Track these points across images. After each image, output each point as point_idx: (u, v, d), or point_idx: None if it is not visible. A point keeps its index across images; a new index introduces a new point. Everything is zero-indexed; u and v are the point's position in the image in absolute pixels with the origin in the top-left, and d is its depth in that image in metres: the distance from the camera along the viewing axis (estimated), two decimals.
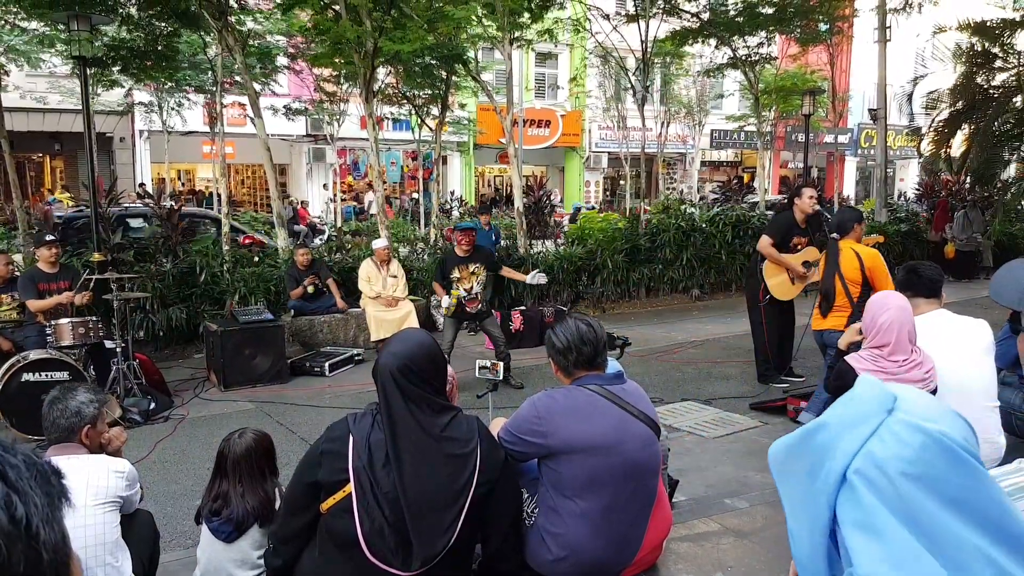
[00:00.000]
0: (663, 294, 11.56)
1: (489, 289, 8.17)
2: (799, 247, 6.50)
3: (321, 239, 15.03)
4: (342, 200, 24.41)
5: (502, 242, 11.01)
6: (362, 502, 2.20)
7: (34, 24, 11.27)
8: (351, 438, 2.27)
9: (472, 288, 6.83)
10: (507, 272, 7.44)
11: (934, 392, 3.31)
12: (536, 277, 7.37)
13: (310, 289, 8.62)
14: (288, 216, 19.88)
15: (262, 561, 2.84)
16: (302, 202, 21.80)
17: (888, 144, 15.87)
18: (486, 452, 2.35)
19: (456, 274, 6.80)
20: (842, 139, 19.38)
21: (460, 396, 3.35)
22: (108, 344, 6.47)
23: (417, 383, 2.30)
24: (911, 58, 18.78)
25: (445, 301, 6.84)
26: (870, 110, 16.25)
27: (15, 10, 10.04)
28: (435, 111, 13.83)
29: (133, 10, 9.88)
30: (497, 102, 12.04)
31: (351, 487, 2.22)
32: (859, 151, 31.10)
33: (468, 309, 6.83)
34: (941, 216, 14.04)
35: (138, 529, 2.91)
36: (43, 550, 0.61)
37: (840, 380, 3.52)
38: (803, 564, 1.14)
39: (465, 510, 2.27)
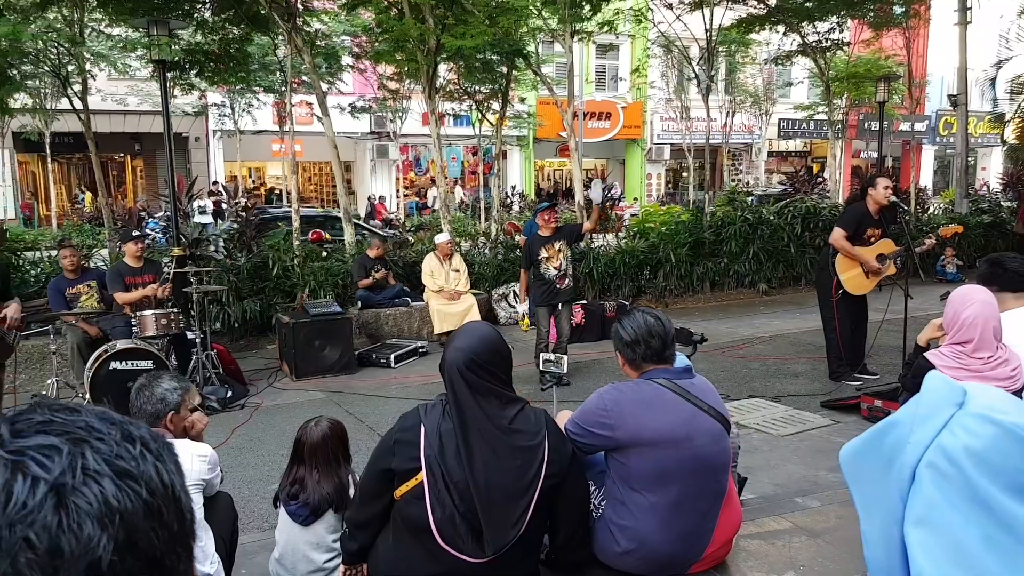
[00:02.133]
0: (728, 288, 11.36)
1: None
2: (873, 239, 6.29)
3: (397, 234, 15.26)
4: (405, 196, 24.79)
5: None
6: (433, 490, 2.26)
7: (117, 31, 11.77)
8: (422, 428, 2.32)
9: (561, 265, 6.79)
10: (589, 226, 7.31)
11: (1020, 391, 3.17)
12: (595, 189, 7.30)
13: (378, 276, 8.81)
14: (367, 211, 20.38)
15: (337, 545, 2.93)
16: (380, 198, 22.19)
17: (969, 131, 15.21)
18: (554, 445, 2.37)
19: (544, 253, 6.79)
20: (919, 127, 18.58)
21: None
22: (188, 335, 6.75)
23: (483, 376, 2.33)
24: (994, 40, 17.93)
25: (522, 309, 6.87)
26: (950, 96, 15.60)
27: (99, 17, 10.53)
28: (496, 106, 13.89)
29: (207, 15, 10.24)
30: (557, 95, 12.02)
31: (423, 475, 2.27)
32: (937, 139, 29.87)
33: (559, 287, 6.81)
34: None
35: (219, 510, 3.04)
36: (185, 512, 0.66)
37: (919, 377, 3.41)
38: (877, 563, 1.12)
39: (534, 502, 2.30)
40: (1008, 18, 15.74)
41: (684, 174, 27.11)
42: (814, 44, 13.90)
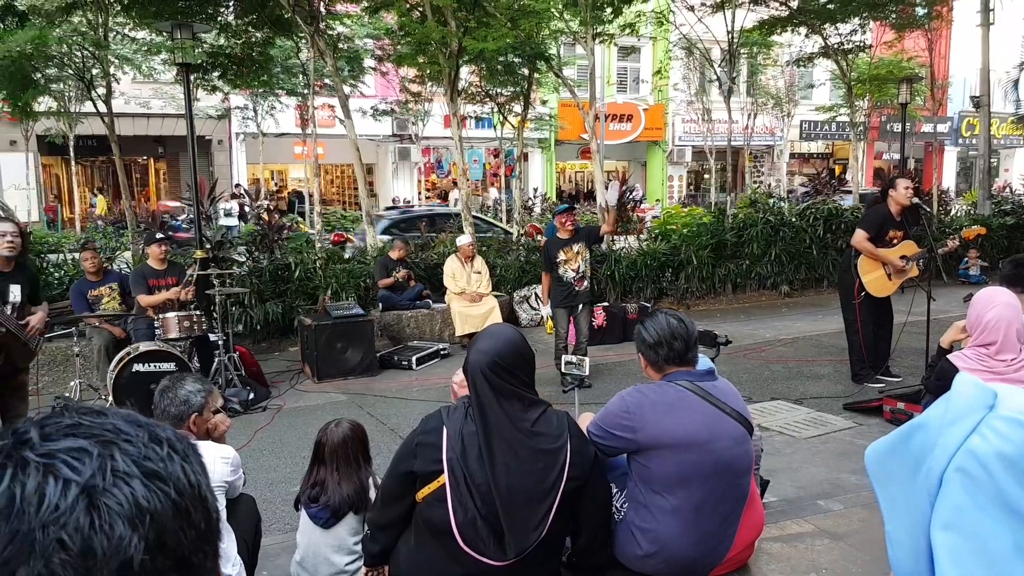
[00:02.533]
0: (750, 290, 11.30)
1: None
2: (895, 241, 6.24)
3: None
4: (426, 198, 24.88)
5: None
6: (455, 493, 2.26)
7: (142, 34, 11.92)
8: (444, 430, 2.32)
9: (579, 268, 6.84)
10: (607, 229, 7.31)
11: None
12: (611, 191, 7.31)
13: (400, 277, 8.84)
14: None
15: (358, 547, 2.94)
16: (405, 201, 22.27)
17: (992, 133, 15.02)
18: (576, 448, 2.36)
19: (561, 256, 6.82)
20: (941, 128, 18.36)
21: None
22: (211, 337, 6.81)
23: (507, 379, 2.33)
24: (1017, 42, 17.69)
25: (545, 311, 6.94)
26: (972, 97, 15.43)
27: (123, 20, 10.67)
28: (517, 108, 13.91)
29: (231, 18, 10.35)
30: (579, 98, 12.02)
31: (445, 478, 2.27)
32: (960, 140, 29.52)
33: (577, 289, 6.85)
34: None
35: (242, 513, 3.06)
36: (211, 512, 0.68)
37: (942, 379, 3.38)
38: (903, 566, 1.11)
39: (556, 505, 2.29)
40: None
41: (706, 176, 26.97)
42: (836, 46, 13.78)
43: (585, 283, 6.90)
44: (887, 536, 1.15)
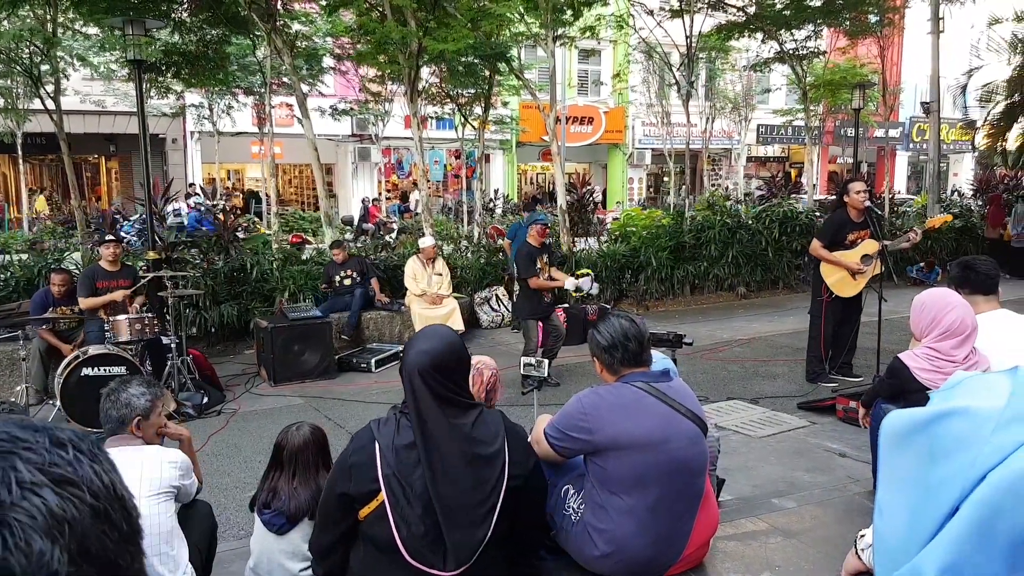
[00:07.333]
0: (708, 292, 11.45)
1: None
2: (858, 241, 6.34)
3: (391, 237, 15.10)
4: (387, 199, 24.68)
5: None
6: (396, 508, 2.20)
7: (94, 30, 11.61)
8: (377, 446, 2.25)
9: (546, 277, 6.97)
10: (554, 272, 7.34)
11: None
12: (574, 283, 7.20)
13: (347, 282, 8.73)
14: (360, 214, 20.25)
15: None
16: (373, 200, 21.98)
17: (941, 138, 15.46)
18: (513, 446, 2.33)
19: (537, 264, 6.91)
20: (893, 133, 18.81)
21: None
22: (164, 340, 6.66)
23: (445, 381, 2.27)
24: (965, 50, 18.24)
25: (570, 284, 7.00)
26: (922, 103, 15.83)
27: (73, 16, 10.38)
28: (478, 110, 13.89)
29: (185, 15, 10.13)
30: (540, 100, 12.05)
31: (383, 495, 2.21)
32: (911, 145, 30.32)
33: (546, 300, 6.98)
34: (996, 212, 13.61)
35: (197, 520, 2.99)
36: (131, 510, 0.64)
37: (894, 378, 3.45)
38: (889, 544, 1.09)
39: (498, 507, 2.27)
40: (978, 28, 16.05)
41: (665, 178, 27.26)
42: (792, 51, 14.05)
43: (549, 294, 7.06)
44: (877, 503, 1.12)
